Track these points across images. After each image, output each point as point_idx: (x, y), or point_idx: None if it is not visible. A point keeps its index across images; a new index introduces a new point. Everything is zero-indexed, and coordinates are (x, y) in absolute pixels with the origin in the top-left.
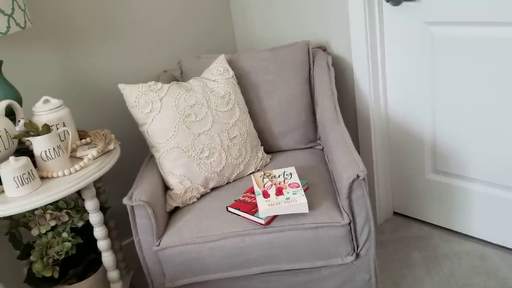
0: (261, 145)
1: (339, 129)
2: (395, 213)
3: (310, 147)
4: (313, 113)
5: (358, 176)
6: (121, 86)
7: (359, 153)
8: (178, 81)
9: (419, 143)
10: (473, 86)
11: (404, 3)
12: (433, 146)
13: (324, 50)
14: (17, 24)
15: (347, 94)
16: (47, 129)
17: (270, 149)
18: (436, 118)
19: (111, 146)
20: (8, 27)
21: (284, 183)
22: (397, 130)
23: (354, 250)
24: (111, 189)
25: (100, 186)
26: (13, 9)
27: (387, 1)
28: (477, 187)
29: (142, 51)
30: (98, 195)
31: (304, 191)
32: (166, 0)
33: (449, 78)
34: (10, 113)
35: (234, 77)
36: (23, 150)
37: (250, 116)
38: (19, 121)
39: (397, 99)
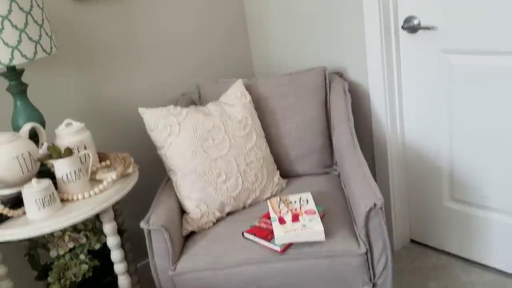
0: (277, 169)
1: (356, 155)
2: (412, 240)
3: (326, 173)
4: (330, 138)
5: (375, 205)
6: (141, 110)
7: (375, 179)
8: (196, 104)
9: (436, 170)
10: (491, 114)
11: (420, 31)
12: (451, 174)
13: (341, 75)
14: (44, 50)
15: (363, 120)
16: (69, 152)
17: (286, 174)
18: (454, 145)
19: (130, 170)
20: (35, 53)
21: (300, 209)
22: (414, 157)
23: (370, 280)
24: (128, 210)
25: (117, 208)
26: (40, 36)
27: (404, 29)
28: (497, 217)
29: (162, 74)
30: (115, 217)
31: (321, 218)
32: (185, 26)
33: (466, 106)
34: (34, 135)
35: (251, 102)
36: (45, 171)
37: (266, 140)
38: (42, 144)
39: (414, 126)
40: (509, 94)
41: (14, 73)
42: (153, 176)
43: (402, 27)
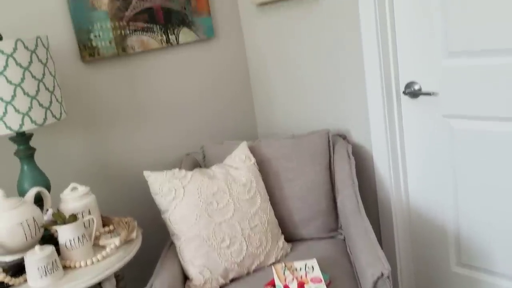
0: (282, 233)
1: (361, 220)
2: None
3: (332, 237)
4: (334, 201)
5: (382, 274)
6: (146, 173)
7: (381, 244)
8: (201, 165)
9: (442, 234)
10: (496, 178)
11: (421, 96)
12: (457, 237)
13: (344, 138)
14: (54, 116)
15: (367, 182)
16: (73, 218)
17: (291, 238)
18: (459, 209)
19: (133, 235)
20: (45, 119)
21: (305, 277)
22: (419, 221)
23: None
24: (130, 274)
25: (119, 273)
26: (51, 102)
27: (405, 94)
28: (505, 283)
29: (167, 135)
30: (117, 282)
31: (327, 286)
32: (190, 88)
33: (470, 169)
34: (39, 199)
35: (256, 164)
36: (47, 236)
37: (271, 203)
38: (47, 210)
39: (418, 190)
40: (511, 158)
41: (23, 138)
42: (156, 239)
43: (404, 92)
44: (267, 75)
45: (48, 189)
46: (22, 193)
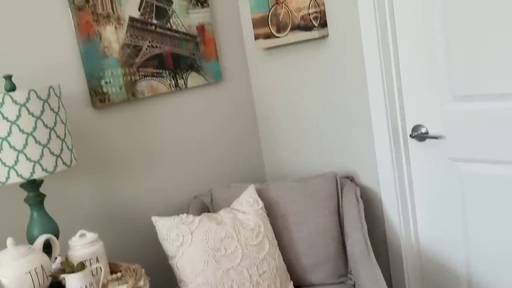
0: (291, 279)
1: (371, 265)
2: None
3: (341, 282)
4: (343, 245)
5: None
6: (154, 218)
7: None
8: (208, 207)
9: (454, 278)
10: (506, 221)
11: (428, 140)
12: (469, 281)
13: (352, 179)
14: (64, 163)
15: (376, 225)
16: (81, 267)
17: (300, 283)
18: (470, 252)
19: (141, 283)
20: (56, 166)
21: None
22: (430, 264)
23: None
24: None
25: None
26: (61, 149)
27: (412, 138)
28: None
29: (174, 177)
30: None
31: None
32: (198, 130)
33: (479, 213)
34: (47, 245)
35: (264, 208)
36: (55, 284)
37: (279, 246)
38: (56, 258)
39: (428, 233)
40: None
41: (33, 185)
42: (164, 286)
43: (411, 135)
44: (274, 117)
45: (57, 236)
46: (31, 239)
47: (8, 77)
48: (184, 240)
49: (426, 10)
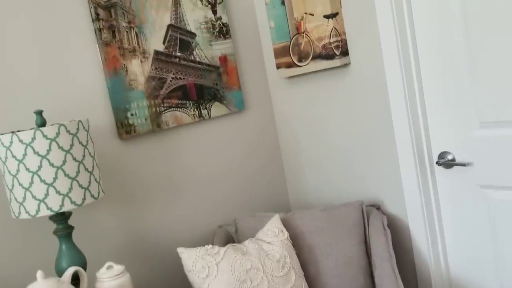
0: None
1: None
2: None
3: None
4: (371, 276)
5: None
6: (180, 250)
7: None
8: (233, 237)
9: None
10: None
11: (455, 167)
12: None
13: (378, 208)
14: (92, 196)
15: (404, 255)
16: None
17: None
18: (503, 282)
19: None
20: (84, 199)
21: None
22: None
23: None
24: None
25: None
26: (89, 182)
27: (439, 165)
28: None
29: (199, 207)
30: None
31: None
32: (222, 159)
33: (511, 241)
34: (75, 277)
35: (289, 238)
36: None
37: (305, 279)
38: None
39: (458, 262)
40: None
41: (62, 217)
42: None
43: (437, 162)
44: (297, 145)
45: (85, 267)
46: (59, 271)
47: (39, 113)
48: (210, 272)
49: (449, 36)
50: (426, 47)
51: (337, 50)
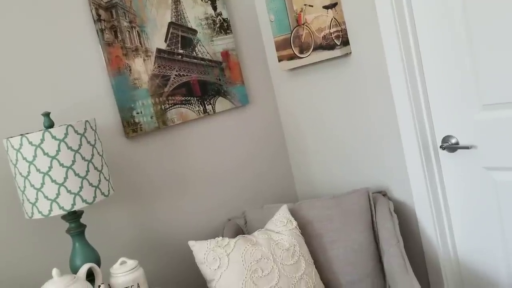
0: None
1: (409, 280)
2: None
3: None
4: (380, 261)
5: None
6: (191, 243)
7: None
8: (242, 229)
9: None
10: None
11: (459, 150)
12: None
13: (384, 194)
14: (102, 193)
15: (412, 240)
16: None
17: None
18: (511, 262)
19: None
20: (95, 197)
21: None
22: (470, 277)
23: None
24: None
25: None
26: (99, 180)
27: (443, 149)
28: None
29: (208, 201)
30: None
31: None
32: (228, 153)
33: None
34: (89, 274)
35: (298, 227)
36: None
37: (315, 266)
38: (99, 286)
39: (466, 244)
40: None
41: (74, 216)
42: None
43: (441, 146)
44: (302, 136)
45: (98, 264)
46: (74, 269)
47: (47, 114)
48: (221, 263)
49: (450, 20)
50: (426, 33)
51: (337, 40)
